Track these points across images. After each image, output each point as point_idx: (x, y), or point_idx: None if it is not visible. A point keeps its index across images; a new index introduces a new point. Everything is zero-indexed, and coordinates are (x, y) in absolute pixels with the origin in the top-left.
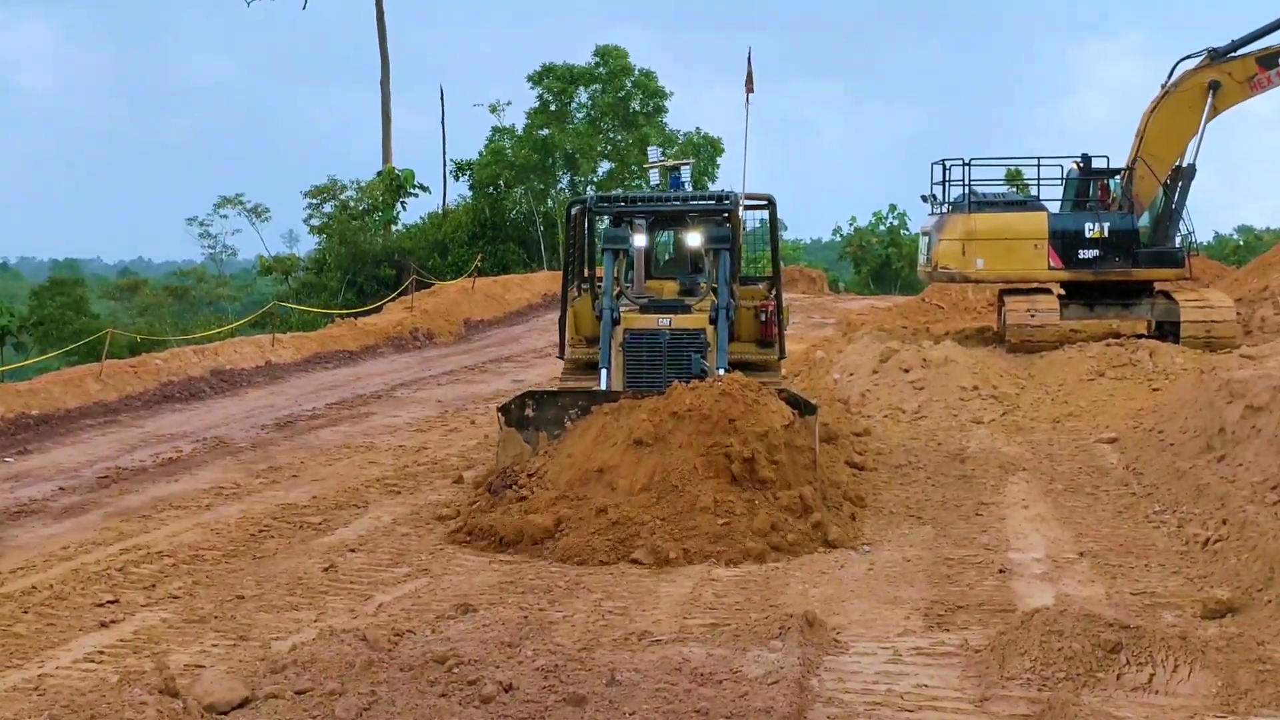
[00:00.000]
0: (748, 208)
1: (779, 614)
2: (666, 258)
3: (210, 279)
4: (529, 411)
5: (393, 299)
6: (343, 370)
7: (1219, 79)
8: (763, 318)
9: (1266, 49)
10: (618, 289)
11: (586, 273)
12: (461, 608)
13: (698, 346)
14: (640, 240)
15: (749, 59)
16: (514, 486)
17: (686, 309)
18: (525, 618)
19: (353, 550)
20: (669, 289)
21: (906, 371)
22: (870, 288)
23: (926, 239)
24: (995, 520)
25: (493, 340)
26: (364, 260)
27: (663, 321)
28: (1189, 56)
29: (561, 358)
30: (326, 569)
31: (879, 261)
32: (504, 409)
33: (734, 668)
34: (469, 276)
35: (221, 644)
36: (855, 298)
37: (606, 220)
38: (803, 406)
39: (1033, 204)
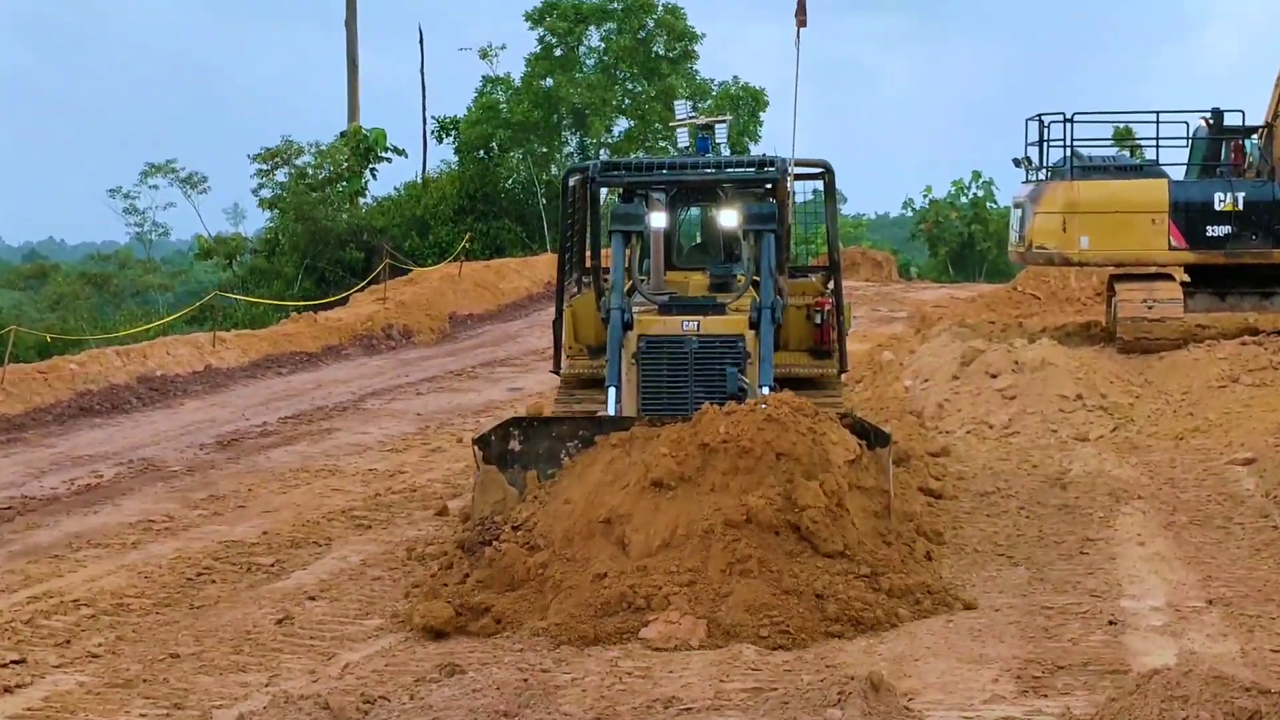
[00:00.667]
0: (798, 177)
1: (837, 676)
2: (693, 242)
3: (137, 264)
4: (514, 444)
5: (361, 289)
6: (300, 376)
7: None
8: (818, 319)
9: None
10: (630, 283)
11: (590, 262)
12: (446, 669)
13: (734, 358)
14: (659, 220)
15: None
16: (495, 543)
17: (719, 309)
18: (525, 680)
19: (312, 598)
20: (696, 283)
21: (994, 377)
22: (949, 273)
23: (1019, 213)
24: (1104, 560)
25: (484, 339)
26: (326, 241)
27: (689, 325)
28: None
29: (557, 372)
30: (280, 621)
31: (959, 241)
32: (481, 441)
33: None
34: (455, 261)
35: (152, 713)
36: (930, 286)
37: (615, 194)
38: (872, 436)
39: (1150, 169)
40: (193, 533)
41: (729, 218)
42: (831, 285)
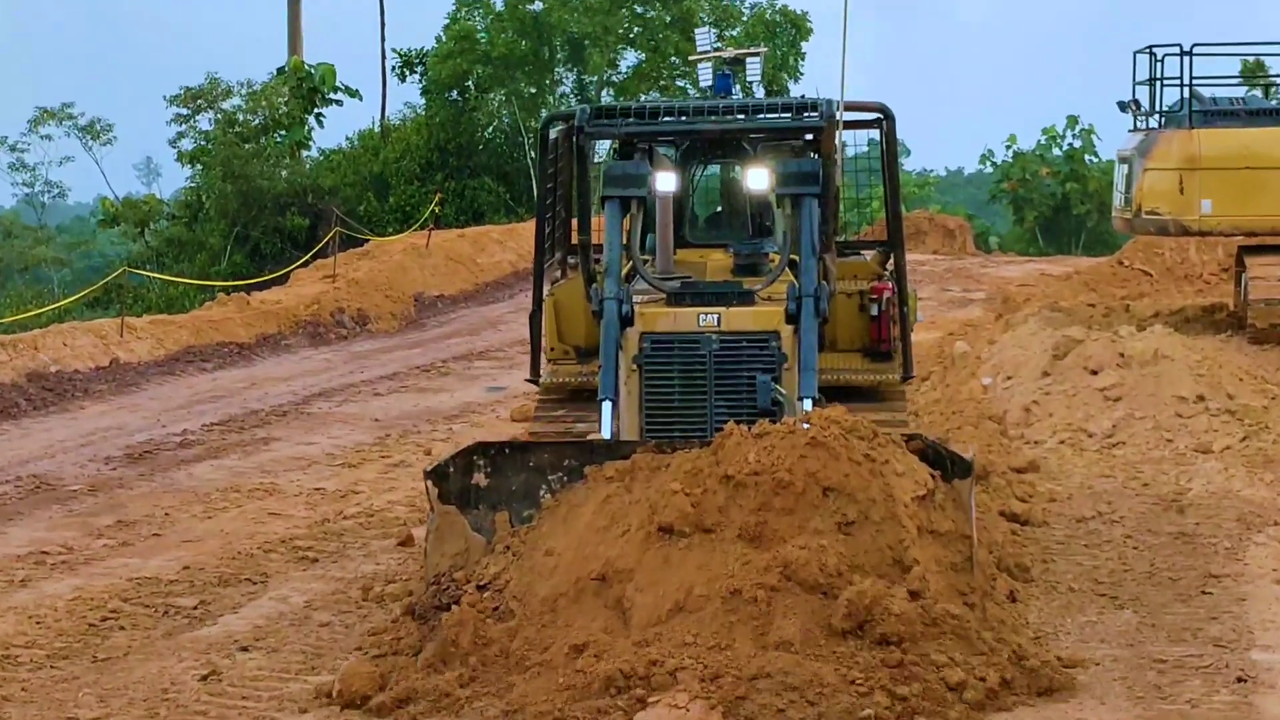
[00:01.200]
0: (849, 125)
1: None
2: (711, 211)
3: (25, 232)
4: (479, 478)
5: (305, 264)
6: (230, 373)
7: None
8: (874, 310)
9: None
10: (629, 265)
11: (577, 237)
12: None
13: (767, 362)
14: (668, 183)
15: None
16: (454, 607)
17: (747, 298)
18: None
19: (245, 649)
20: (715, 264)
21: (1095, 374)
22: (1038, 244)
23: (1125, 169)
24: (1232, 602)
25: (458, 325)
26: (261, 204)
27: (707, 319)
28: None
29: (535, 380)
30: (205, 678)
31: (1051, 204)
32: (437, 474)
33: None
34: (422, 229)
35: None
36: (1015, 259)
37: (612, 150)
38: (949, 464)
39: (1275, 112)
40: (96, 567)
41: (759, 179)
42: (891, 264)
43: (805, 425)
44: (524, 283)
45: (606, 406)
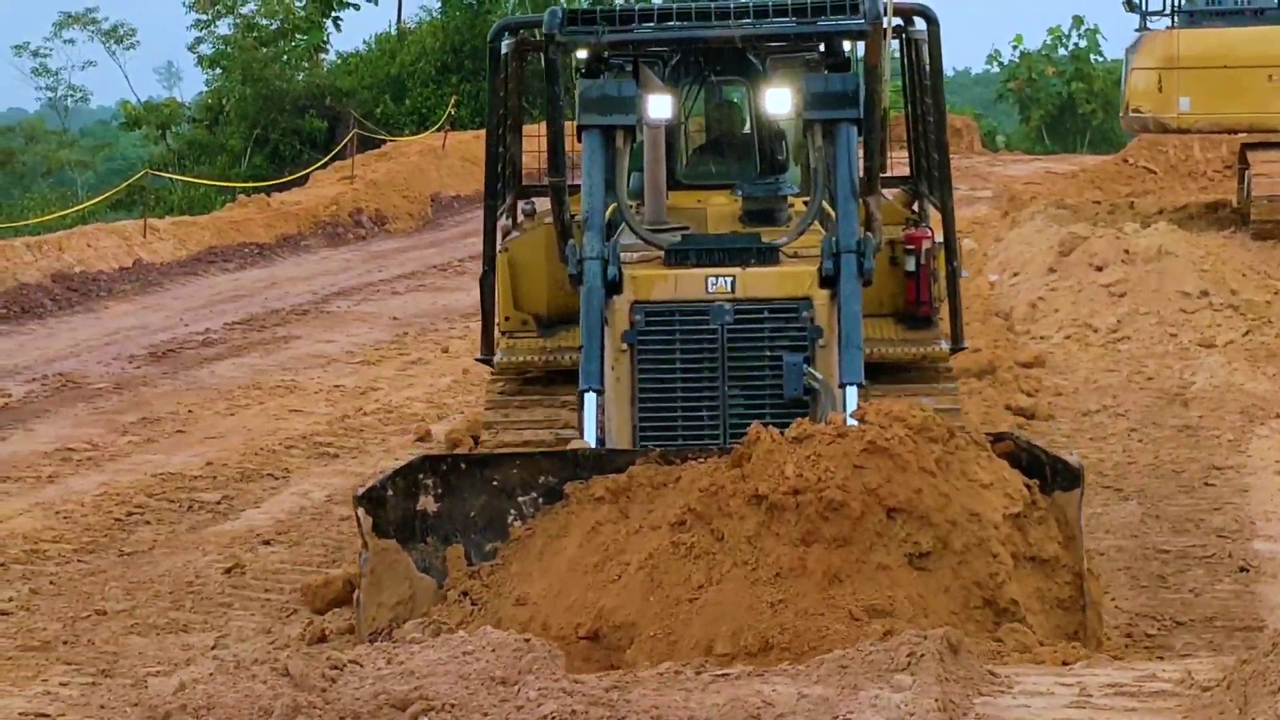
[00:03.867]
0: (895, 32)
1: (908, 633)
2: (707, 139)
3: (49, 136)
4: (427, 502)
5: (324, 165)
6: (251, 273)
7: None
8: (910, 264)
9: None
10: (611, 209)
11: (535, 171)
12: (430, 625)
13: (796, 337)
14: (662, 108)
15: None
16: None
17: (768, 255)
18: (526, 640)
19: (267, 543)
20: (718, 209)
21: (1100, 270)
22: (1044, 143)
23: (1126, 65)
24: (1234, 493)
25: (474, 224)
26: (280, 107)
27: (717, 284)
28: None
29: (487, 360)
30: (229, 570)
31: (1057, 103)
32: (370, 499)
33: (840, 713)
34: (438, 130)
35: (75, 681)
36: (1022, 158)
37: (573, 67)
38: (1049, 471)
39: (1273, 14)
40: (122, 463)
41: (778, 101)
42: (927, 207)
43: (854, 423)
44: (541, 179)
45: (590, 400)
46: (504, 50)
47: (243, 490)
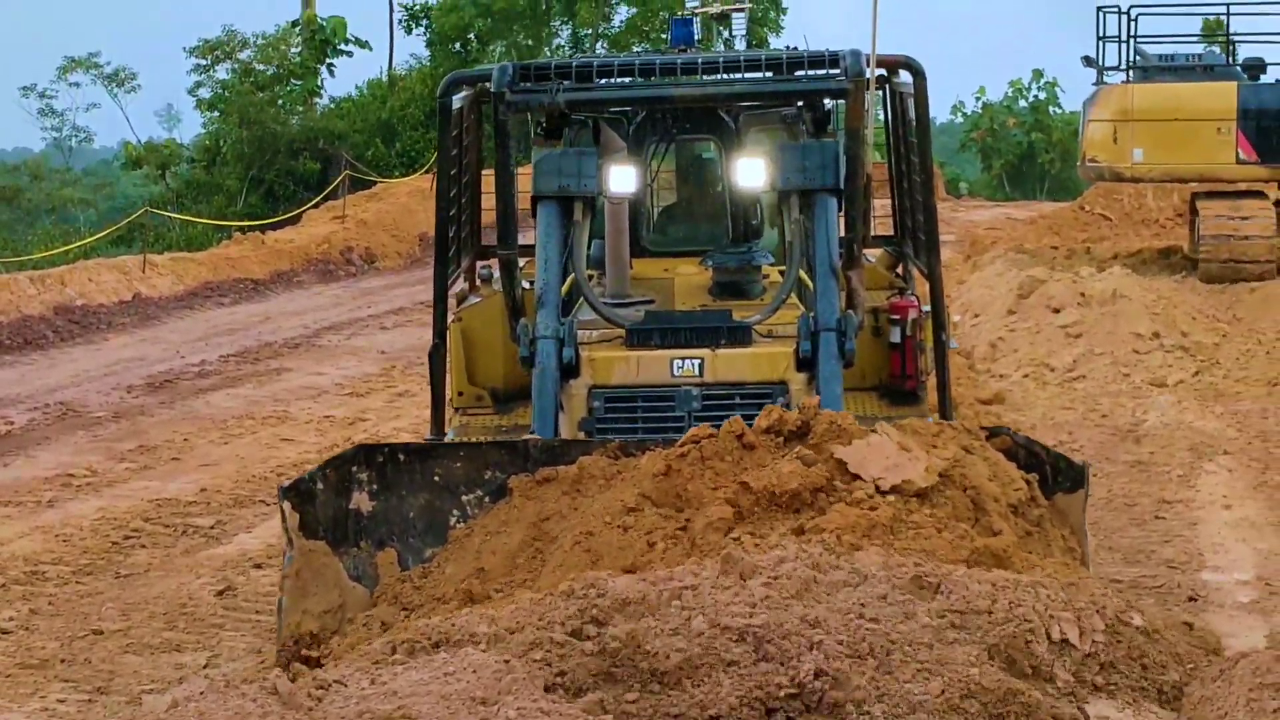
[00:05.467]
0: (878, 83)
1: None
2: (676, 198)
3: (53, 174)
4: (360, 499)
5: (316, 205)
6: (245, 308)
7: None
8: (895, 335)
9: None
10: (569, 280)
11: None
12: (405, 645)
13: None
14: (626, 181)
15: None
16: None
17: (739, 333)
18: (506, 662)
19: (258, 566)
20: (686, 280)
21: (1057, 311)
22: (1005, 190)
23: (1083, 117)
24: (1184, 526)
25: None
26: (275, 149)
27: (684, 366)
28: None
29: (437, 440)
30: (221, 592)
31: (1019, 152)
32: (296, 493)
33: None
34: (426, 172)
35: (72, 698)
36: (984, 204)
37: (532, 121)
38: (1050, 470)
39: (1222, 70)
40: (119, 489)
41: (752, 172)
42: (909, 270)
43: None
44: (525, 221)
45: None
46: (457, 105)
47: (235, 516)
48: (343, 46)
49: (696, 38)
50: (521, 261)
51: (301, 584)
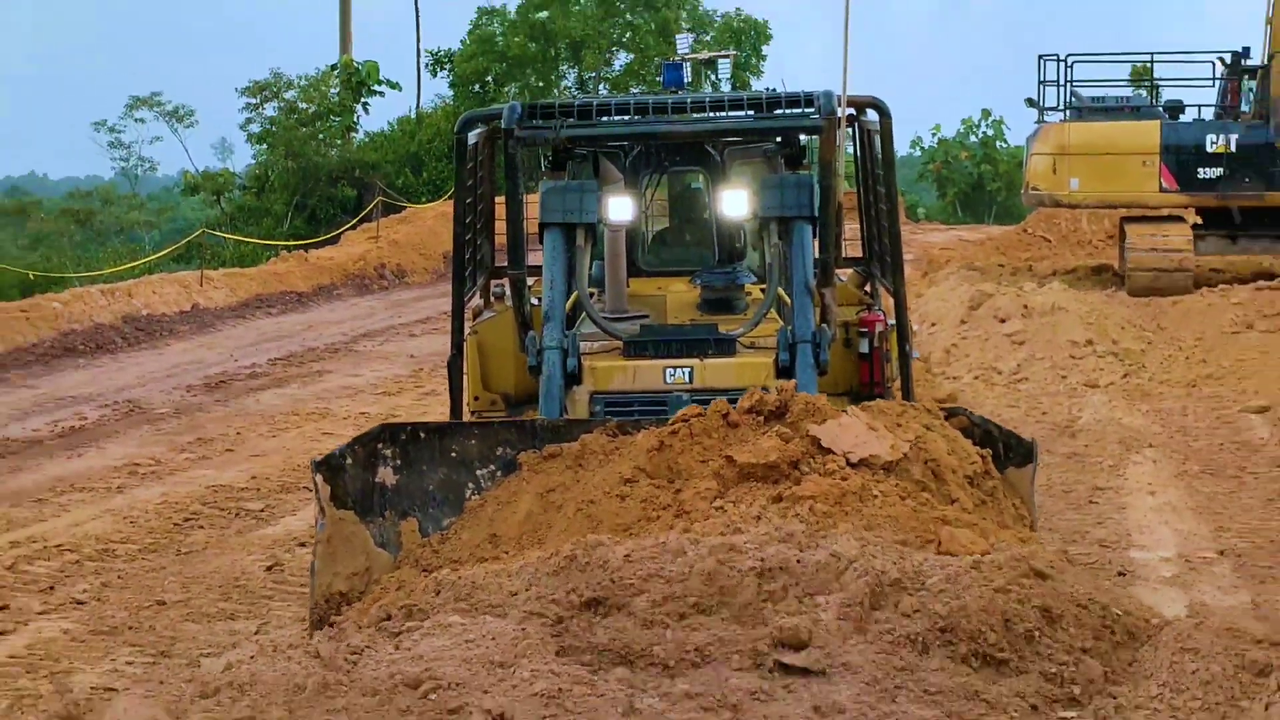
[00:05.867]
0: (849, 121)
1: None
2: (669, 223)
3: (121, 200)
4: (385, 474)
5: (353, 227)
6: (291, 317)
7: None
8: (864, 346)
9: None
10: (572, 298)
11: (504, 260)
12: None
13: None
14: (623, 211)
15: None
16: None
17: (725, 345)
18: (523, 629)
19: (302, 545)
20: (678, 297)
21: (1003, 321)
22: (957, 215)
23: (1026, 152)
24: (1114, 510)
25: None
26: (316, 178)
27: (675, 375)
28: None
29: None
30: (270, 568)
31: (969, 182)
32: (328, 466)
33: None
34: (450, 198)
35: (138, 661)
36: (939, 228)
37: (544, 160)
38: (1002, 446)
39: (1147, 111)
40: (179, 477)
41: (736, 202)
42: (876, 288)
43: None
44: (534, 241)
45: None
46: (472, 140)
47: (282, 500)
48: (376, 87)
49: (686, 80)
50: (530, 280)
51: (332, 550)
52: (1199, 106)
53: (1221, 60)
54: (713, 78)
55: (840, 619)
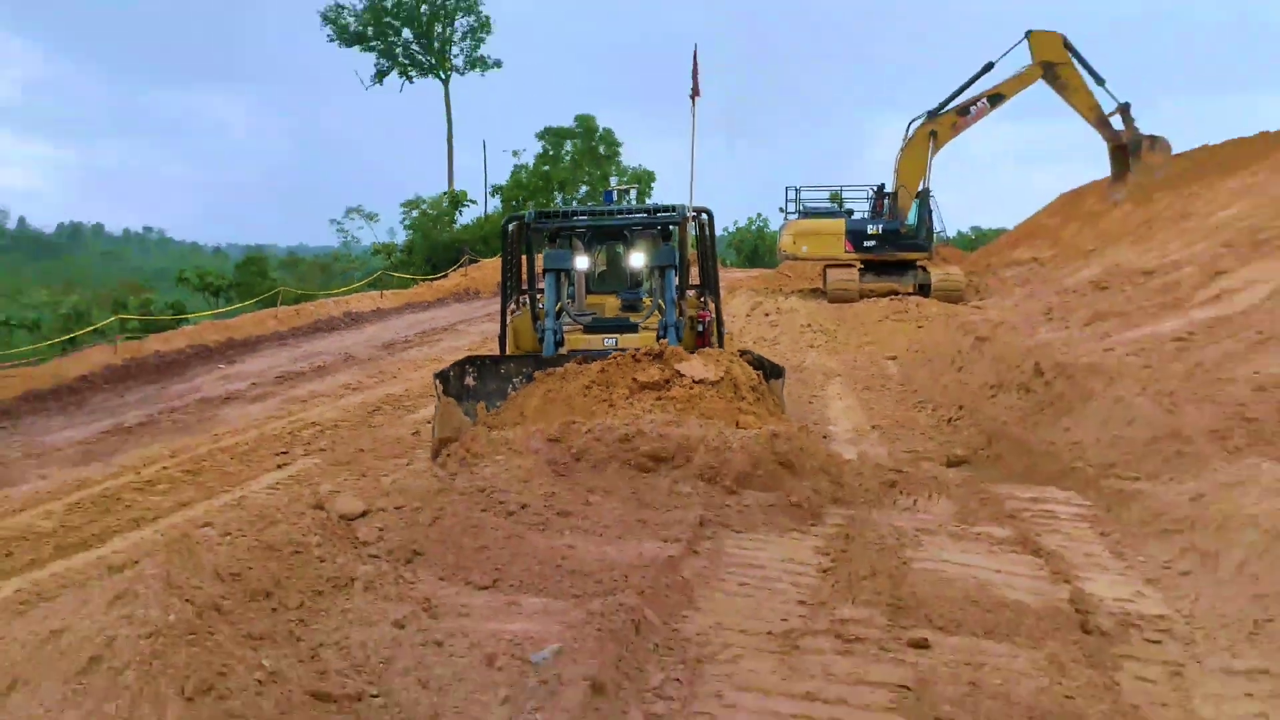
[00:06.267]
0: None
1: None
2: (602, 269)
3: (342, 257)
4: (469, 380)
5: (454, 270)
6: (424, 314)
7: (935, 128)
8: (700, 328)
9: (962, 104)
10: (559, 305)
11: (525, 287)
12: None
13: None
14: (582, 262)
15: (695, 61)
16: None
17: (633, 328)
18: (535, 465)
19: (428, 422)
20: (610, 305)
21: (767, 315)
22: (746, 263)
23: (779, 234)
24: (821, 406)
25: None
26: (436, 246)
27: (609, 342)
28: (917, 117)
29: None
30: (414, 434)
31: (751, 248)
32: (442, 377)
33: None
34: (499, 256)
35: (350, 478)
36: (737, 270)
37: (544, 236)
38: (769, 369)
39: (839, 213)
40: (370, 392)
41: (638, 259)
42: (705, 301)
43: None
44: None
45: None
46: (511, 228)
47: (421, 402)
48: (465, 203)
49: (614, 199)
50: (539, 296)
51: (443, 417)
52: (862, 211)
53: (874, 189)
54: (628, 198)
55: (687, 451)
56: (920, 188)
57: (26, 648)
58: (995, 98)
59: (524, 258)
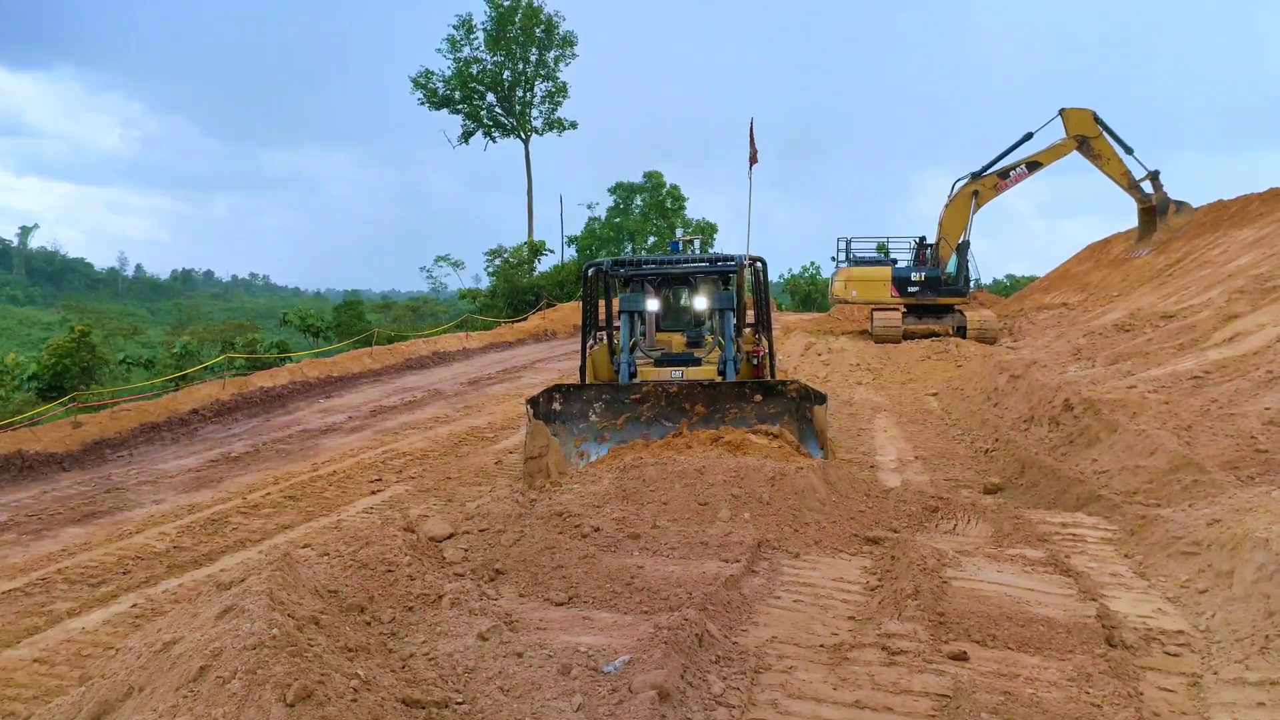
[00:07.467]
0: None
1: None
2: (674, 311)
3: (432, 301)
4: (555, 405)
5: (533, 313)
6: (505, 352)
7: (978, 189)
8: (755, 362)
9: (1003, 168)
10: (633, 341)
11: (603, 324)
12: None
13: None
14: (653, 304)
15: (751, 132)
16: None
17: (696, 361)
18: (607, 491)
19: (511, 452)
20: (677, 341)
21: (819, 355)
22: (803, 307)
23: (831, 280)
24: (868, 439)
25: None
26: (517, 291)
27: (675, 374)
28: (961, 177)
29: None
30: (497, 463)
31: (805, 293)
32: (532, 402)
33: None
34: (579, 298)
35: (438, 503)
36: (791, 314)
37: (618, 281)
38: (815, 396)
39: (885, 261)
40: (457, 424)
41: (701, 303)
42: (760, 338)
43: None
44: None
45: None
46: (590, 274)
47: (502, 433)
48: (544, 252)
49: (680, 248)
50: (614, 333)
51: (533, 436)
52: (906, 260)
53: (916, 240)
54: (693, 248)
55: (749, 483)
56: (960, 240)
57: (141, 658)
58: (1033, 165)
59: (601, 300)
